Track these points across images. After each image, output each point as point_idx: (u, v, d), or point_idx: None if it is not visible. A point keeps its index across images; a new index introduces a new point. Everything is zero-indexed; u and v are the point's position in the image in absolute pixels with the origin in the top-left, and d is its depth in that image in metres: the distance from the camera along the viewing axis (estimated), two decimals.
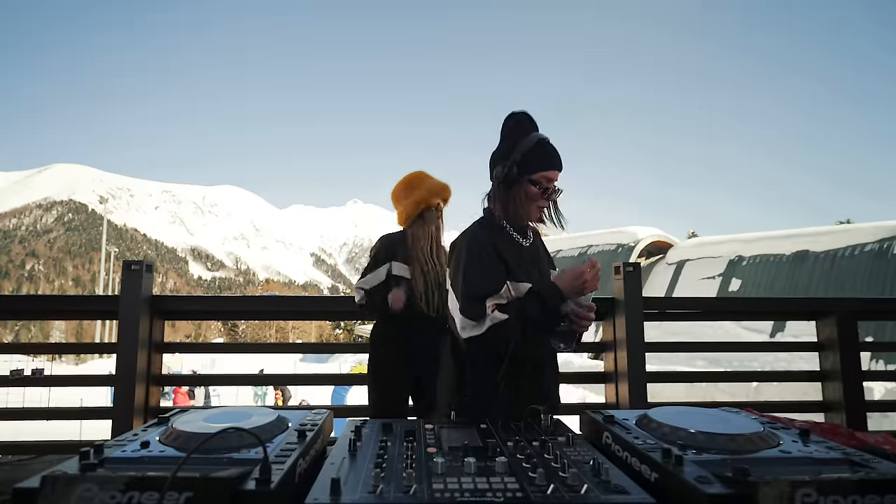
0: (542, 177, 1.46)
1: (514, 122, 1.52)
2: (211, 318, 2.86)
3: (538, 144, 1.47)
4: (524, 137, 1.48)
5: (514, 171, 1.46)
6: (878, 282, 17.46)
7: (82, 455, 0.68)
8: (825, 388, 2.52)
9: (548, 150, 1.47)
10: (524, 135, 1.49)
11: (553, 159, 1.47)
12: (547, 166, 1.46)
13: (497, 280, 1.43)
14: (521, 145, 1.47)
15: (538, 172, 1.45)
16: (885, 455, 0.77)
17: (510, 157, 1.48)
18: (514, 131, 1.51)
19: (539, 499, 0.63)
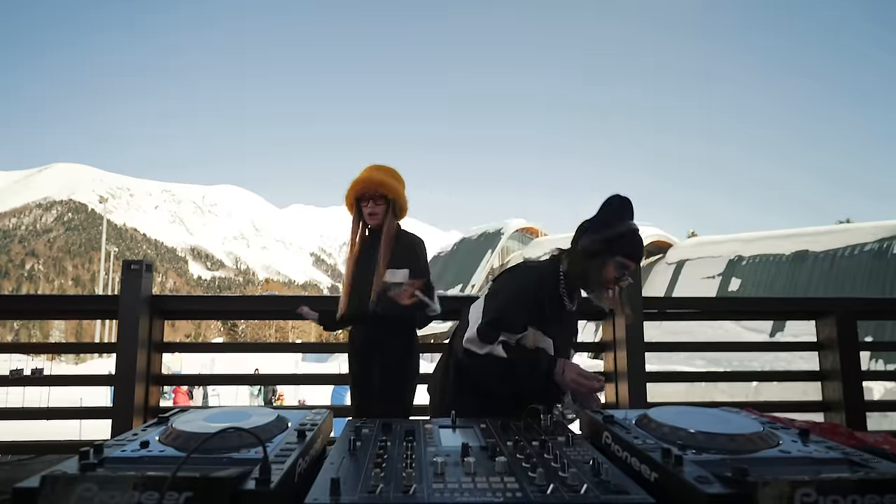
0: (623, 262, 1.53)
1: (616, 203, 1.59)
2: (211, 317, 2.87)
3: (630, 233, 1.56)
4: (620, 221, 1.56)
5: (601, 247, 1.54)
6: (877, 282, 17.47)
7: (82, 455, 0.68)
8: (825, 388, 2.52)
9: (636, 241, 1.56)
10: (620, 219, 1.57)
11: (638, 251, 1.56)
12: (631, 255, 1.55)
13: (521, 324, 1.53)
14: (615, 227, 1.55)
15: (622, 257, 1.53)
16: (884, 455, 0.77)
17: (602, 232, 1.55)
18: (613, 212, 1.59)
19: (539, 499, 0.63)
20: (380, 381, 2.02)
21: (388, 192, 2.10)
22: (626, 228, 1.55)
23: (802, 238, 20.73)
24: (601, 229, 1.56)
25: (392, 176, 2.16)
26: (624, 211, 1.59)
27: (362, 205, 2.10)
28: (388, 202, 2.11)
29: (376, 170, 2.15)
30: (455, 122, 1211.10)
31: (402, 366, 2.04)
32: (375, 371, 2.03)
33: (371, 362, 2.04)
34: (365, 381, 2.06)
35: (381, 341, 2.04)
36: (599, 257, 1.54)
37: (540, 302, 1.56)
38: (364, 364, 2.06)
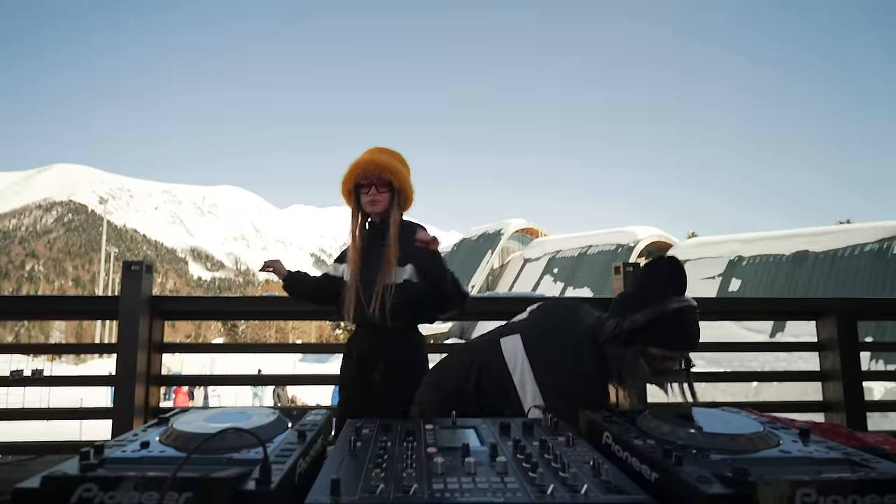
0: (663, 355, 1.21)
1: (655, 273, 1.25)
2: (211, 318, 2.87)
3: (672, 314, 1.20)
4: (659, 298, 1.21)
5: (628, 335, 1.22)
6: (877, 282, 17.46)
7: (82, 455, 0.68)
8: (825, 388, 2.52)
9: (681, 324, 1.21)
10: (661, 295, 1.22)
11: (685, 337, 1.21)
12: (672, 343, 1.21)
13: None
14: (650, 307, 1.21)
15: (658, 348, 1.21)
16: (884, 455, 0.77)
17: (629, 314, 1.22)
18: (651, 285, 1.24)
19: (539, 499, 0.63)
20: (383, 388, 1.78)
21: (393, 178, 1.80)
22: (664, 309, 1.19)
23: (802, 238, 20.72)
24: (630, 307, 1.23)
25: (398, 160, 1.87)
26: (663, 282, 1.23)
27: (362, 192, 1.82)
28: (393, 190, 1.82)
29: (379, 152, 1.85)
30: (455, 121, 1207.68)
31: (409, 372, 1.79)
32: (377, 379, 1.79)
33: (372, 369, 1.79)
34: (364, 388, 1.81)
35: (386, 345, 1.80)
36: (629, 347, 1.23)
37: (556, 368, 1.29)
38: (364, 370, 1.81)
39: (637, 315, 1.22)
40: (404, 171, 1.86)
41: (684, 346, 1.23)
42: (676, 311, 1.21)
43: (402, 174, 1.84)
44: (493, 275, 34.36)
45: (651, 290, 1.24)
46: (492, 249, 34.54)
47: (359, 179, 1.82)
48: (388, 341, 1.82)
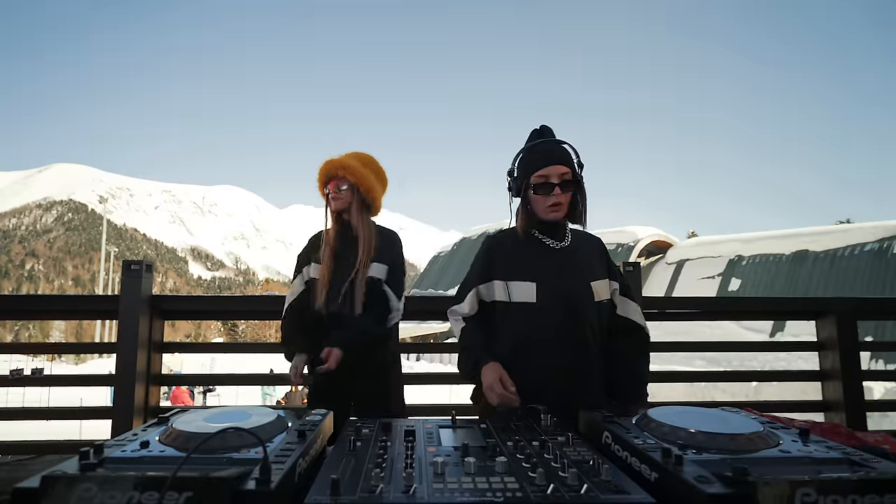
0: (538, 177, 1.45)
1: (529, 136, 1.54)
2: (211, 318, 2.86)
3: (529, 148, 1.50)
4: (526, 146, 1.51)
5: (516, 182, 1.50)
6: (878, 281, 17.47)
7: (82, 455, 0.68)
8: (825, 388, 2.52)
9: (538, 150, 1.47)
10: (528, 144, 1.52)
11: (542, 156, 1.46)
12: (537, 165, 1.46)
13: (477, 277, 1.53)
14: (518, 155, 1.52)
15: (532, 174, 1.46)
16: (884, 455, 0.77)
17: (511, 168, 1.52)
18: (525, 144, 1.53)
19: (539, 499, 0.63)
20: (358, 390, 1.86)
21: (349, 175, 1.91)
22: (532, 144, 1.49)
23: (802, 238, 20.73)
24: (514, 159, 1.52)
25: (362, 162, 1.98)
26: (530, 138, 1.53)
27: (329, 188, 1.94)
28: (353, 189, 1.93)
29: (347, 154, 1.99)
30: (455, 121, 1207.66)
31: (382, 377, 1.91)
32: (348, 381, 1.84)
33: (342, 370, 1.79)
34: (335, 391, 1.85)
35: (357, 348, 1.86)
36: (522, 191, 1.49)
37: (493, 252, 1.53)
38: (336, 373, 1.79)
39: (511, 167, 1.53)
40: (364, 171, 1.96)
41: (548, 160, 1.44)
42: (532, 144, 1.49)
43: (361, 174, 1.94)
44: None
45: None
46: None
47: (323, 177, 1.96)
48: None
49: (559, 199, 1.44)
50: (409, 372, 2.40)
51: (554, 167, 1.44)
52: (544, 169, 1.44)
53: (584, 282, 1.49)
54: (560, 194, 1.44)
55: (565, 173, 1.44)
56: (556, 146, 1.48)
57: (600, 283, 1.52)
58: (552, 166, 1.44)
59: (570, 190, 1.46)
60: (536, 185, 1.45)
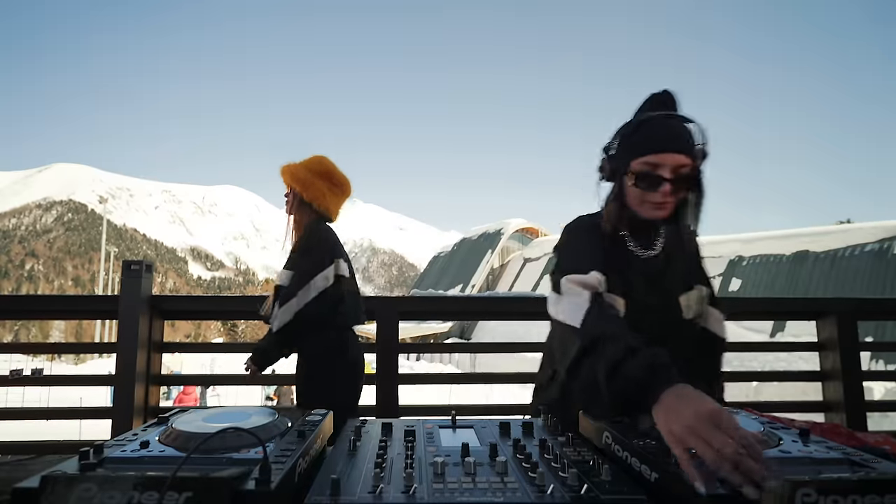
0: (644, 164, 1.08)
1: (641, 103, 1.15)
2: (211, 318, 2.86)
3: (641, 123, 1.10)
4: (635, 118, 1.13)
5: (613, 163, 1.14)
6: (878, 282, 17.48)
7: (82, 455, 0.68)
8: (825, 388, 2.52)
9: (652, 127, 1.08)
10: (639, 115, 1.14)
11: (657, 137, 1.07)
12: (647, 148, 1.07)
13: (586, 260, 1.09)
14: (623, 128, 1.13)
15: (636, 159, 1.08)
16: (885, 455, 0.77)
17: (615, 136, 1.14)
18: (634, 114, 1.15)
19: (539, 499, 0.63)
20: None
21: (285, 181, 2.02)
22: (646, 117, 1.10)
23: (802, 238, 20.74)
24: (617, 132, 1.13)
25: (304, 166, 2.03)
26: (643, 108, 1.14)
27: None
28: (293, 193, 2.01)
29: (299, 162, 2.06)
30: (455, 122, 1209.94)
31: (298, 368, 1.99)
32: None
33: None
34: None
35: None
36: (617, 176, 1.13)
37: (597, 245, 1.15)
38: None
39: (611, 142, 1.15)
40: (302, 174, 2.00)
41: (663, 145, 1.06)
42: (645, 118, 1.10)
43: (295, 177, 2.00)
44: (493, 274, 34.40)
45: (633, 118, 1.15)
46: (492, 249, 34.59)
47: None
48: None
49: (667, 198, 1.09)
50: (409, 372, 2.40)
51: (670, 155, 1.06)
52: (655, 155, 1.07)
53: (674, 297, 1.20)
54: (669, 192, 1.07)
55: (684, 165, 1.07)
56: (679, 125, 1.09)
57: (692, 295, 1.22)
58: (667, 154, 1.06)
59: (684, 188, 1.10)
60: (640, 173, 1.08)
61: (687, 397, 0.74)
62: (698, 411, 0.69)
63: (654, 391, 0.78)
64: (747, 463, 0.61)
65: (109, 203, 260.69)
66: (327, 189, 2.02)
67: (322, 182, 2.01)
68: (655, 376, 0.80)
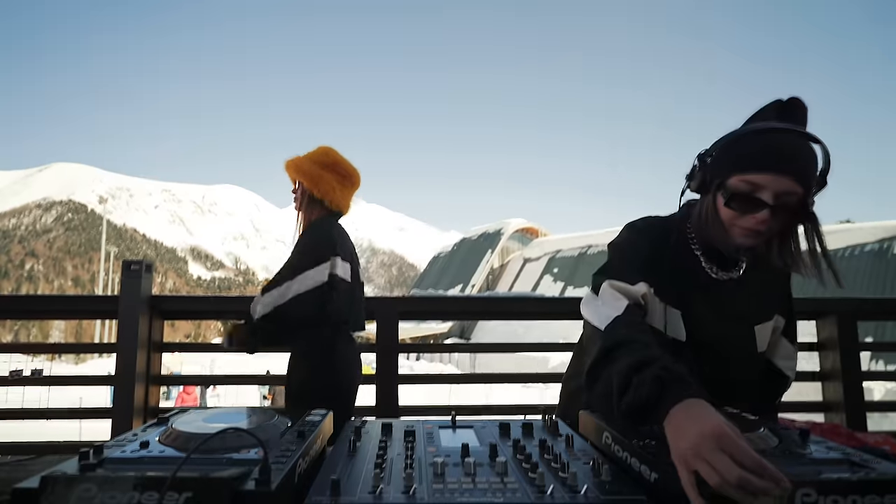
0: (743, 181, 0.92)
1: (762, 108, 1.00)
2: (211, 318, 2.86)
3: (748, 135, 0.94)
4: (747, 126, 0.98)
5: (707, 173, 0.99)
6: (878, 281, 17.49)
7: (82, 455, 0.68)
8: (825, 388, 2.52)
9: (763, 141, 0.92)
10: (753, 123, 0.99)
11: (765, 153, 0.91)
12: (749, 164, 0.92)
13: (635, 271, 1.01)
14: (729, 135, 0.97)
15: (735, 175, 0.93)
16: (884, 455, 0.77)
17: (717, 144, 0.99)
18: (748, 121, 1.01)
19: (539, 499, 0.63)
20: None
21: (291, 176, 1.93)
22: (759, 126, 0.94)
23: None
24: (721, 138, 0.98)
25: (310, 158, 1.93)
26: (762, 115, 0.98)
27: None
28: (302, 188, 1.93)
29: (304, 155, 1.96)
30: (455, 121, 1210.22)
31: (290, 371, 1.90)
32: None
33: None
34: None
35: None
36: (712, 182, 0.97)
37: (659, 252, 1.04)
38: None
39: (711, 149, 0.99)
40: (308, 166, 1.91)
41: (769, 165, 0.90)
42: (753, 130, 0.93)
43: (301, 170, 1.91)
44: (493, 274, 34.40)
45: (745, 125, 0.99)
46: (492, 249, 34.58)
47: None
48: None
49: (763, 227, 0.93)
50: (409, 372, 2.40)
51: (777, 177, 0.91)
52: (758, 175, 0.91)
53: (748, 326, 1.08)
54: (768, 219, 0.92)
55: (792, 193, 0.91)
56: (799, 142, 0.93)
57: (768, 326, 1.10)
58: (774, 175, 0.91)
59: (786, 219, 0.95)
60: (736, 192, 0.93)
61: (694, 415, 0.69)
62: (702, 432, 0.65)
63: (663, 406, 0.74)
64: (754, 484, 0.58)
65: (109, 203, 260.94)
66: (336, 182, 1.92)
67: (330, 174, 1.92)
68: (665, 390, 0.75)
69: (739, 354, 1.07)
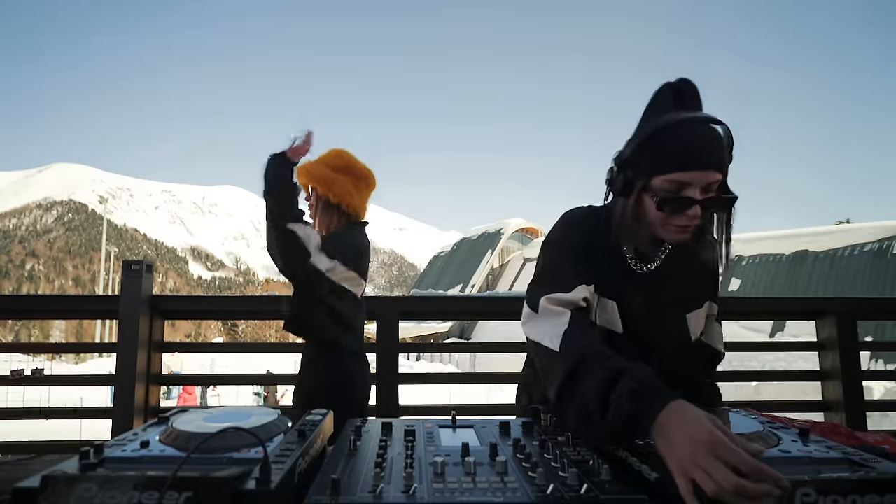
0: (668, 181, 0.92)
1: (655, 96, 0.99)
2: (211, 318, 2.86)
3: (662, 130, 0.92)
4: (652, 120, 0.96)
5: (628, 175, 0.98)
6: (877, 281, 17.47)
7: (82, 455, 0.68)
8: (825, 388, 2.52)
9: (680, 136, 0.91)
10: (657, 116, 0.96)
11: (685, 151, 0.90)
12: (671, 165, 0.91)
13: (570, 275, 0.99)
14: (638, 133, 0.97)
15: (658, 176, 0.93)
16: (884, 455, 0.77)
17: (631, 142, 0.98)
18: (647, 112, 0.99)
19: (539, 499, 0.63)
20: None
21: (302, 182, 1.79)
22: (654, 128, 0.93)
23: (802, 238, 20.73)
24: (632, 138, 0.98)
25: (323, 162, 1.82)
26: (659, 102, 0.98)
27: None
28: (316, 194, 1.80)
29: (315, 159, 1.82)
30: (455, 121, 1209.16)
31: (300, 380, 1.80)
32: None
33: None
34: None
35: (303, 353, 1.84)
36: (635, 184, 0.97)
37: (593, 244, 1.03)
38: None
39: (625, 150, 0.99)
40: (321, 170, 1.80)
41: (691, 162, 0.90)
42: (670, 124, 0.92)
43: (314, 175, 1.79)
44: (493, 274, 34.40)
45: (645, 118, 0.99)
46: (492, 249, 34.56)
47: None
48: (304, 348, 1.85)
49: (695, 222, 0.95)
50: (409, 372, 2.39)
51: (700, 173, 0.91)
52: (684, 173, 0.91)
53: (681, 315, 1.09)
54: (699, 214, 0.94)
55: (714, 182, 0.93)
56: (708, 130, 0.92)
57: (699, 314, 1.11)
58: (699, 171, 0.91)
59: (713, 208, 0.97)
60: (665, 196, 0.93)
61: (682, 422, 0.68)
62: (695, 439, 0.64)
63: (647, 419, 0.73)
64: (752, 490, 0.58)
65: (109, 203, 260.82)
66: (352, 184, 1.81)
67: (346, 178, 1.81)
68: (643, 405, 0.74)
69: (674, 344, 1.08)
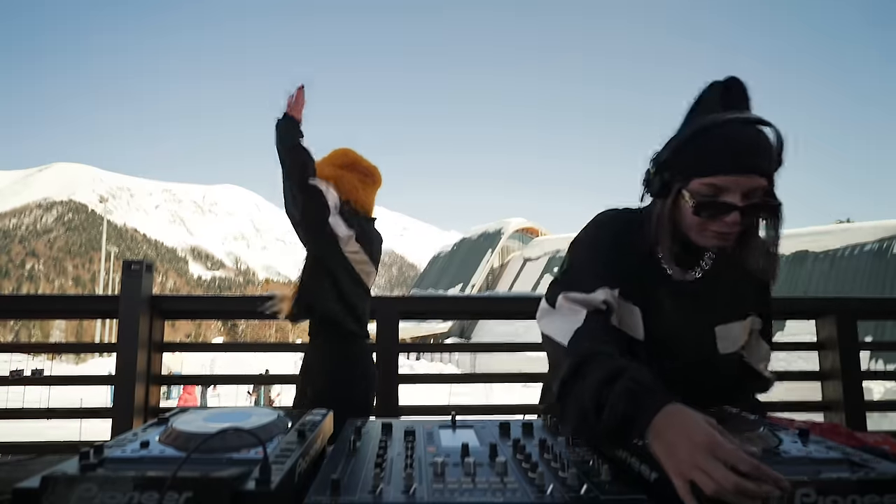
0: (707, 185, 0.88)
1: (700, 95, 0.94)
2: (211, 317, 2.86)
3: (706, 132, 0.87)
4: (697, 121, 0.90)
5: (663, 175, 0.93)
6: (878, 281, 17.49)
7: (82, 455, 0.68)
8: (824, 388, 2.52)
9: (721, 139, 0.86)
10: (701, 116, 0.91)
11: (727, 155, 0.86)
12: (711, 168, 0.87)
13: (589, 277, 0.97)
14: (679, 133, 0.93)
15: (696, 179, 0.89)
16: (884, 455, 0.77)
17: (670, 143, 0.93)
18: (692, 112, 0.95)
19: (539, 499, 0.63)
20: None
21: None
22: (698, 129, 0.88)
23: (802, 238, 20.75)
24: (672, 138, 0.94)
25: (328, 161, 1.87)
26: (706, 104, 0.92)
27: None
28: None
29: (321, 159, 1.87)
30: (455, 121, 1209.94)
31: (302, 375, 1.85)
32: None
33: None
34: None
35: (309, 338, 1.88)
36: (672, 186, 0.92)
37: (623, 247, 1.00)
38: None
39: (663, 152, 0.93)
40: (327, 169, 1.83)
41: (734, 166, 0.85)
42: (714, 125, 0.87)
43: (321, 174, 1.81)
44: (493, 274, 34.42)
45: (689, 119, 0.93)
46: (492, 249, 34.59)
47: None
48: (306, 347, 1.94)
49: (735, 228, 0.89)
50: (409, 372, 2.39)
51: (742, 177, 0.86)
52: (723, 177, 0.86)
53: (708, 326, 1.03)
54: (738, 220, 0.88)
55: (756, 188, 0.87)
56: (755, 133, 0.87)
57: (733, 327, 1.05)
58: (738, 176, 0.86)
59: (754, 215, 0.90)
60: (702, 200, 0.88)
61: (680, 425, 0.67)
62: (694, 441, 0.64)
63: (642, 420, 0.72)
64: (752, 490, 0.58)
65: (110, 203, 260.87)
66: (358, 181, 1.85)
67: (351, 174, 1.84)
68: (638, 405, 0.73)
69: (697, 355, 1.03)
